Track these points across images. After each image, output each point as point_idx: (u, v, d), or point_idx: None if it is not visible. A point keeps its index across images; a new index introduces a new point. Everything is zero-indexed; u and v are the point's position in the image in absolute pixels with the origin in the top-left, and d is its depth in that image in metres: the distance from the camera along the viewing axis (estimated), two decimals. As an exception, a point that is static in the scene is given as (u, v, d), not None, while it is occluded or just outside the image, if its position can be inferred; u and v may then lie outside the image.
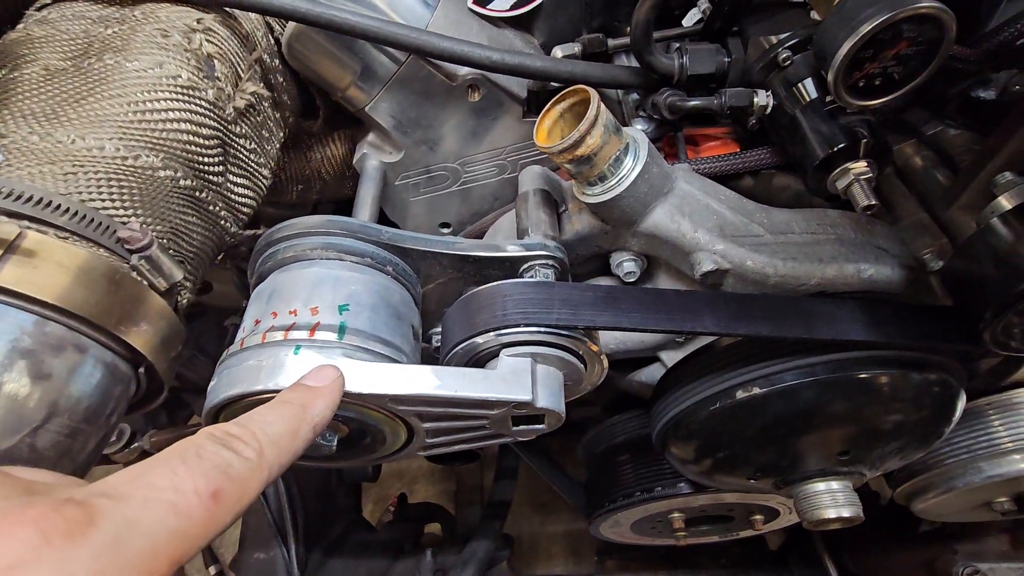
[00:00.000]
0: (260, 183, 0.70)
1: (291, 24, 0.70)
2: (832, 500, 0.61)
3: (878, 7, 0.49)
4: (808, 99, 0.61)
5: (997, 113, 0.71)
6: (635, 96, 0.79)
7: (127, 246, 0.47)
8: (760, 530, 1.03)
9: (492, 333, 0.51)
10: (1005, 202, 0.50)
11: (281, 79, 0.75)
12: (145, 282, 0.49)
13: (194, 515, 0.29)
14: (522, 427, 0.54)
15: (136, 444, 1.36)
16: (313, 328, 0.49)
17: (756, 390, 0.57)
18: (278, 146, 0.76)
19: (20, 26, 0.58)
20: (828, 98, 0.59)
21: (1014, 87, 0.68)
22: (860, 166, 0.56)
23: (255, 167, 0.69)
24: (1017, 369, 0.78)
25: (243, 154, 0.66)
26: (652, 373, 0.81)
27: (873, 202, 0.56)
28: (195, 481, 0.30)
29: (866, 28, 0.49)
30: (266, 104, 0.71)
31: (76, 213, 0.45)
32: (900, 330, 0.53)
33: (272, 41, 0.73)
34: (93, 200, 0.48)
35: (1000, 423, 0.80)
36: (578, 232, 0.68)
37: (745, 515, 1.00)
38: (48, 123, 0.49)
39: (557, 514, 1.97)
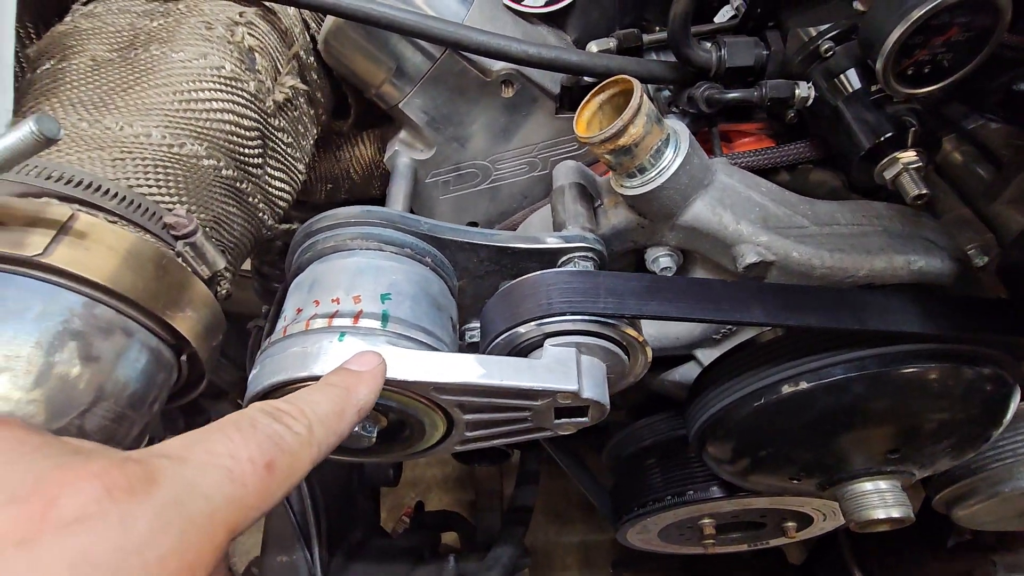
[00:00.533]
0: (296, 177, 0.70)
1: (328, 21, 0.70)
2: (881, 500, 0.59)
3: (930, -9, 0.48)
4: (851, 89, 0.60)
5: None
6: (667, 93, 0.79)
7: (172, 232, 0.47)
8: (793, 538, 1.00)
9: (536, 322, 0.50)
10: (1063, 190, 0.48)
11: (316, 76, 0.75)
12: (189, 269, 0.49)
13: (248, 483, 0.29)
14: (564, 420, 0.53)
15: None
16: (356, 316, 0.49)
17: (804, 384, 0.56)
18: (311, 142, 0.76)
19: (67, 19, 0.58)
20: (873, 88, 0.58)
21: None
22: (909, 155, 0.55)
23: (292, 161, 0.69)
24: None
25: (280, 147, 0.66)
26: (686, 373, 0.80)
27: (924, 191, 0.54)
28: (249, 450, 0.30)
29: (918, 13, 0.49)
30: (302, 100, 0.71)
31: (124, 198, 0.45)
32: (955, 322, 0.52)
33: (308, 39, 0.73)
34: (140, 186, 0.48)
35: (1048, 426, 0.77)
36: (614, 226, 0.67)
37: (777, 522, 0.98)
38: (96, 111, 0.49)
39: (572, 524, 1.94)
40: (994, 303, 0.55)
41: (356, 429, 0.51)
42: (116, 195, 0.45)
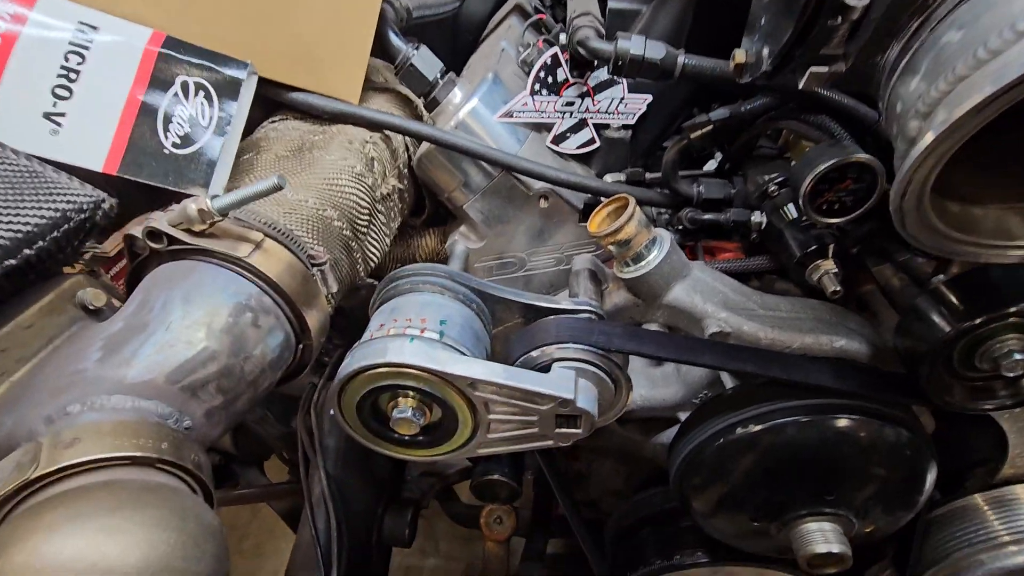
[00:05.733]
0: (383, 247, 0.96)
1: (423, 147, 1.01)
2: (823, 537, 0.71)
3: (827, 156, 0.73)
4: (790, 218, 0.83)
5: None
6: (665, 218, 1.05)
7: (312, 261, 0.72)
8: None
9: (547, 347, 0.70)
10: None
11: (408, 184, 1.05)
12: (319, 288, 0.72)
13: None
14: (562, 429, 0.71)
15: None
16: (422, 330, 0.70)
17: (752, 427, 0.72)
18: (396, 225, 1.03)
19: (260, 130, 0.90)
20: (803, 217, 0.82)
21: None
22: (828, 263, 0.77)
23: (383, 235, 0.95)
24: (1001, 468, 0.88)
25: (379, 223, 0.93)
26: (672, 435, 0.95)
27: (838, 288, 0.75)
28: None
29: (818, 169, 0.73)
30: (396, 197, 1.00)
31: (289, 235, 0.71)
32: (861, 384, 0.69)
33: (408, 157, 1.04)
34: (298, 231, 0.73)
35: (996, 517, 0.87)
36: (616, 304, 0.89)
37: (763, 608, 1.03)
38: (278, 184, 0.77)
39: None
40: (895, 375, 0.72)
41: (407, 415, 0.69)
42: (285, 233, 0.70)
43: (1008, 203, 0.50)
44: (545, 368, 0.71)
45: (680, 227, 0.96)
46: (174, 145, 0.70)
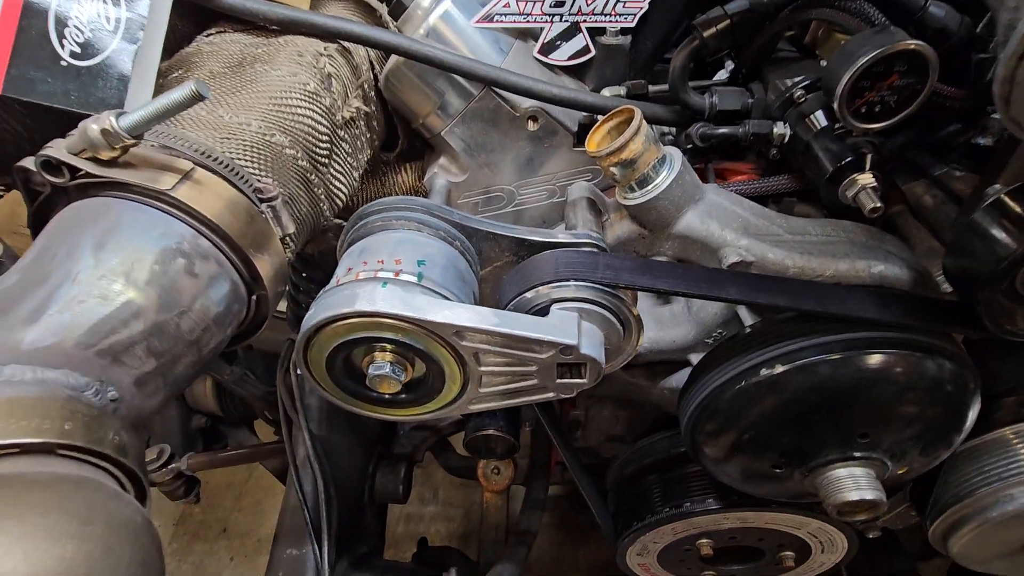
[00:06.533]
0: (351, 182, 0.83)
1: (390, 62, 0.86)
2: (855, 483, 0.64)
3: (871, 45, 0.61)
4: (819, 127, 0.72)
5: (995, 156, 0.80)
6: (670, 139, 0.92)
7: (260, 195, 0.60)
8: (788, 567, 1.01)
9: (544, 287, 0.60)
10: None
11: (375, 109, 0.91)
12: (271, 227, 0.61)
13: None
14: (565, 380, 0.61)
15: (174, 465, 1.44)
16: (397, 272, 0.59)
17: (779, 367, 0.63)
18: (365, 158, 0.90)
19: (192, 45, 0.75)
20: (837, 125, 0.70)
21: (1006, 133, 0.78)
22: (867, 176, 0.66)
23: (349, 168, 0.83)
24: (1040, 396, 0.81)
25: (342, 155, 0.80)
26: (682, 379, 0.87)
27: (879, 205, 0.64)
28: None
29: (861, 61, 0.61)
30: (362, 122, 0.86)
31: (228, 164, 0.58)
32: (907, 314, 0.60)
33: (372, 76, 0.90)
34: (239, 160, 0.61)
35: (1027, 450, 0.81)
36: (618, 237, 0.78)
37: (775, 550, 1.00)
38: (212, 105, 0.64)
39: None
40: (945, 303, 0.63)
41: (385, 371, 0.60)
42: (222, 162, 0.58)
43: None
44: (543, 311, 0.61)
45: (689, 146, 0.84)
46: (73, 55, 0.56)
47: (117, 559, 0.31)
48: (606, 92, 0.88)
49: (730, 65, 0.88)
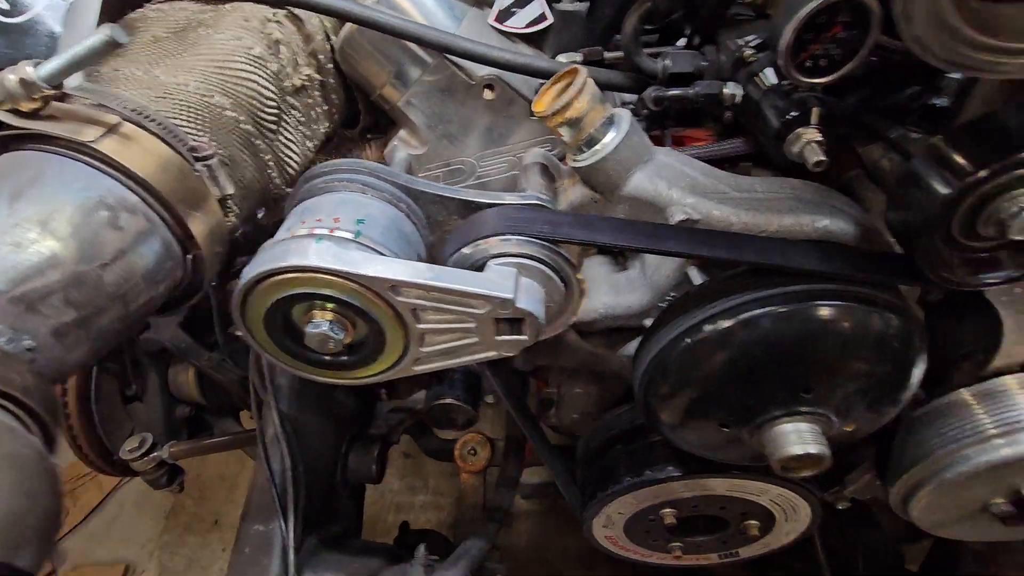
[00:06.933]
0: (304, 152, 0.83)
1: (343, 30, 0.86)
2: (799, 438, 0.64)
3: (812, -3, 0.60)
4: (767, 85, 0.71)
5: (951, 118, 0.80)
6: (632, 107, 0.92)
7: (194, 154, 0.59)
8: (753, 537, 1.01)
9: (482, 242, 0.59)
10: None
11: (333, 81, 0.90)
12: (206, 187, 0.60)
13: None
14: (505, 336, 0.61)
15: (156, 454, 1.43)
16: (333, 229, 0.59)
17: (721, 323, 0.63)
18: (323, 130, 0.90)
19: (139, 11, 0.74)
20: (785, 83, 0.70)
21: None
22: (811, 131, 0.66)
23: (302, 138, 0.82)
24: (992, 358, 0.81)
25: (293, 124, 0.79)
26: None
27: (822, 158, 0.64)
28: None
29: (803, 12, 0.61)
30: (317, 93, 0.86)
31: (160, 122, 0.58)
32: (849, 267, 0.60)
33: (329, 47, 0.89)
34: (174, 119, 0.60)
35: (983, 410, 0.81)
36: (571, 202, 0.77)
37: (738, 519, 1.00)
38: (149, 66, 0.63)
39: None
40: (888, 255, 0.62)
41: (323, 329, 0.59)
42: (154, 119, 0.57)
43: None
44: (482, 267, 0.61)
45: (645, 111, 0.84)
46: (1, 12, 0.56)
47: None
48: (561, 58, 0.87)
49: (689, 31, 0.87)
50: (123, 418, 1.62)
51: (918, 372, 0.67)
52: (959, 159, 0.51)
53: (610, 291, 0.84)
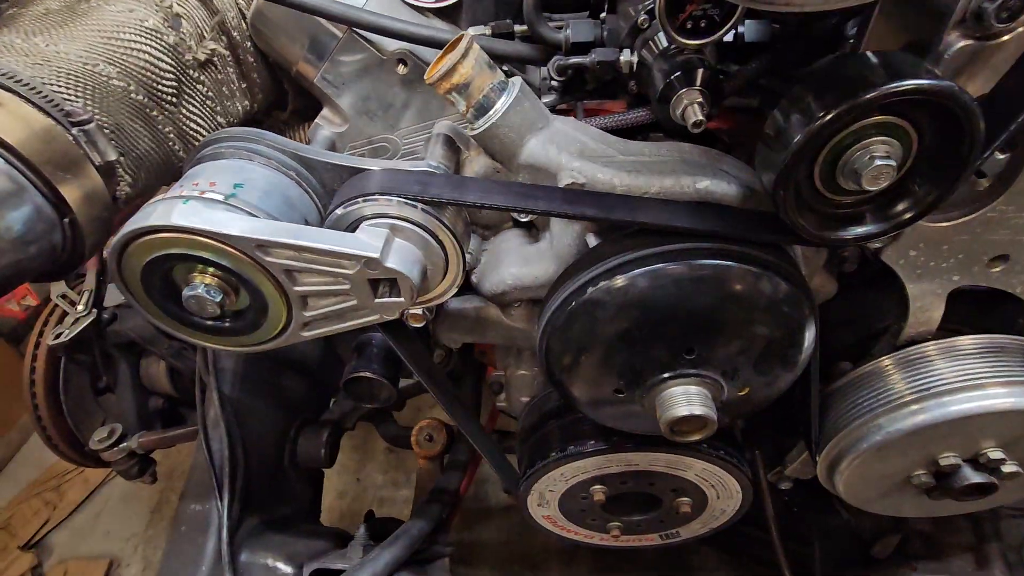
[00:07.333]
0: (211, 126, 0.83)
1: (252, 5, 0.86)
2: (686, 399, 0.63)
3: (685, -46, 0.60)
4: (659, 49, 0.71)
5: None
6: (549, 82, 0.92)
7: (70, 119, 0.60)
8: (687, 515, 1.00)
9: (355, 204, 0.60)
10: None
11: (251, 59, 0.91)
12: (81, 151, 0.61)
13: None
14: (383, 299, 0.61)
15: (124, 444, 1.45)
16: (203, 192, 0.59)
17: (602, 283, 0.63)
18: (240, 109, 0.90)
19: (37, -13, 0.75)
20: (672, 46, 0.70)
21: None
22: (693, 92, 0.65)
23: (211, 113, 0.83)
24: (904, 326, 0.80)
25: (199, 98, 0.80)
26: (554, 318, 0.87)
27: (701, 119, 0.64)
28: None
29: (676, -30, 0.60)
30: (230, 69, 0.86)
31: (35, 88, 0.59)
32: (720, 224, 0.59)
33: (245, 25, 0.90)
34: (52, 86, 0.61)
35: (899, 378, 0.80)
36: (475, 172, 0.78)
37: (670, 496, 0.99)
38: (32, 35, 0.64)
39: (548, 572, 1.89)
40: (760, 213, 0.62)
41: (199, 291, 0.60)
42: (28, 84, 0.58)
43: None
44: (355, 228, 0.61)
45: (554, 83, 0.84)
46: None
47: None
48: (469, 31, 0.87)
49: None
50: (94, 409, 1.63)
51: (808, 335, 0.66)
52: (812, 102, 0.51)
53: (519, 262, 0.84)
